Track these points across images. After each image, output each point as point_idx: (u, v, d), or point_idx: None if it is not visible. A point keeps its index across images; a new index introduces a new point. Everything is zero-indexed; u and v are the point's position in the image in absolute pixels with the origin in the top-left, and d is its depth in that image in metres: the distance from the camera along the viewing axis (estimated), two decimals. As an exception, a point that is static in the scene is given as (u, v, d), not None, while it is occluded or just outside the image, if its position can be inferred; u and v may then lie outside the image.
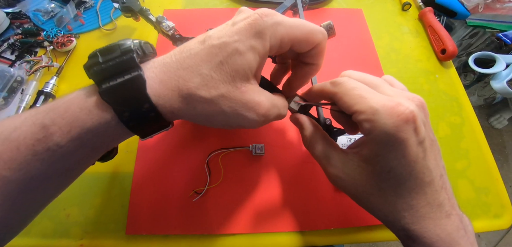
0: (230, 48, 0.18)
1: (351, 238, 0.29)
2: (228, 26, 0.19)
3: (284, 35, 0.19)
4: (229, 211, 0.29)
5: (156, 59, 0.19)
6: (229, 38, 0.18)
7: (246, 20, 0.18)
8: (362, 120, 0.18)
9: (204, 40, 0.18)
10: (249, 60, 0.18)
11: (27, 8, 0.44)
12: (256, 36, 0.18)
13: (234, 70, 0.18)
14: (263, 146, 0.32)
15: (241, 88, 0.19)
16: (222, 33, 0.18)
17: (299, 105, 0.28)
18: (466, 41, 0.49)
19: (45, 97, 0.35)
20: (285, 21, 0.19)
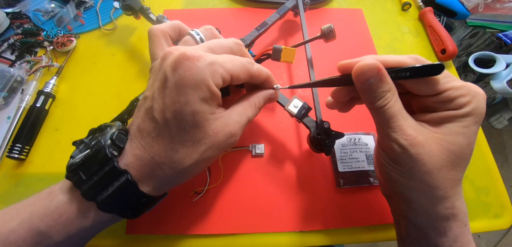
0: (185, 115, 0.18)
1: (351, 238, 0.29)
2: (163, 86, 0.19)
3: (224, 73, 0.19)
4: (229, 211, 0.29)
5: (130, 154, 0.19)
6: (175, 105, 0.18)
7: (175, 73, 0.18)
8: (458, 95, 0.19)
9: (153, 117, 0.19)
10: (204, 109, 0.19)
11: (27, 8, 0.44)
12: (196, 87, 0.18)
13: (198, 127, 0.19)
14: (263, 146, 0.32)
15: (213, 131, 0.20)
16: (166, 102, 0.18)
17: (302, 107, 0.28)
18: (466, 41, 0.49)
19: (45, 97, 0.35)
20: (217, 56, 0.20)
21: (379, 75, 0.20)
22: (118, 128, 0.20)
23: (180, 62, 0.18)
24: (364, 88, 0.20)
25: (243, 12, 0.45)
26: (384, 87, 0.20)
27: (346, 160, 0.31)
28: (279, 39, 0.42)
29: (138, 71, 0.39)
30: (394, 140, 0.20)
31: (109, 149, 0.18)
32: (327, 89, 0.37)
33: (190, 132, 0.19)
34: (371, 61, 0.20)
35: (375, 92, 0.20)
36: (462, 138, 0.19)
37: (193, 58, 0.18)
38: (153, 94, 0.19)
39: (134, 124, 0.20)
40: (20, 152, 0.31)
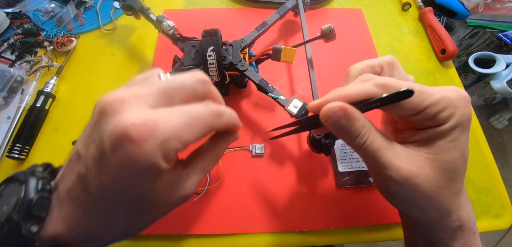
0: (128, 197, 0.15)
1: (351, 238, 0.29)
2: (100, 161, 0.14)
3: (180, 147, 0.15)
4: (229, 211, 0.29)
5: (59, 222, 0.15)
6: (115, 186, 0.15)
7: (115, 155, 0.14)
8: (438, 111, 0.18)
9: (88, 189, 0.15)
10: (153, 188, 0.16)
11: (27, 8, 0.43)
12: (143, 174, 0.14)
13: (146, 202, 0.16)
14: (263, 146, 0.32)
15: (164, 199, 0.17)
16: (103, 181, 0.14)
17: (302, 108, 0.28)
18: (466, 41, 0.49)
19: (45, 97, 0.35)
20: (173, 125, 0.15)
21: (346, 115, 0.18)
22: (39, 180, 0.16)
23: (121, 143, 0.13)
24: (337, 131, 0.19)
25: (243, 12, 0.45)
26: (356, 125, 0.18)
27: (346, 160, 0.31)
28: (279, 39, 0.42)
29: (138, 71, 0.39)
30: (388, 177, 0.19)
31: (26, 226, 0.14)
32: (327, 90, 0.37)
33: (135, 208, 0.16)
34: (333, 105, 0.18)
35: (349, 132, 0.19)
36: (454, 152, 0.19)
37: (140, 140, 0.13)
38: (87, 162, 0.15)
39: (65, 182, 0.16)
40: (20, 152, 0.31)
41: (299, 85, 0.38)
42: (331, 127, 0.19)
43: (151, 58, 0.40)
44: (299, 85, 0.38)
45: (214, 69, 0.30)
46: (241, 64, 0.31)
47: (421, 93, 0.18)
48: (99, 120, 0.15)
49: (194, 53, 0.31)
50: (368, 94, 0.19)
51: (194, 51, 0.31)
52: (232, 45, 0.32)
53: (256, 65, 0.34)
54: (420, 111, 0.19)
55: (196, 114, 0.16)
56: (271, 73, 0.39)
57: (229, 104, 0.26)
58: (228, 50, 0.32)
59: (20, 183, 0.15)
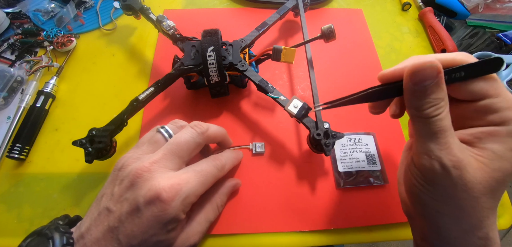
0: (150, 244, 0.20)
1: (351, 238, 0.28)
2: (134, 214, 0.20)
3: (194, 199, 0.22)
4: (229, 211, 0.29)
5: None
6: (143, 235, 0.19)
7: (149, 210, 0.19)
8: (503, 107, 0.17)
9: (118, 238, 0.19)
10: (169, 237, 0.21)
11: (27, 8, 0.43)
12: (168, 224, 0.20)
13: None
14: (263, 144, 0.32)
15: None
16: (134, 231, 0.19)
17: (302, 108, 0.28)
18: (466, 41, 0.48)
19: (45, 97, 0.35)
20: (191, 185, 0.21)
21: (438, 78, 0.16)
22: (63, 235, 0.19)
23: (154, 202, 0.19)
24: (416, 91, 0.17)
25: (243, 12, 0.45)
26: (439, 94, 0.17)
27: (346, 160, 0.31)
28: (279, 39, 0.42)
29: (138, 71, 0.39)
30: (437, 158, 0.17)
31: None
32: (327, 90, 0.37)
33: None
34: (428, 60, 0.16)
35: (428, 98, 0.17)
36: (508, 163, 0.17)
37: (169, 200, 0.19)
38: (120, 216, 0.19)
39: (92, 233, 0.20)
40: (20, 152, 0.31)
41: (299, 85, 0.38)
42: (414, 84, 0.17)
43: (151, 58, 0.40)
44: (299, 85, 0.38)
45: (214, 69, 0.30)
46: (241, 64, 0.31)
47: (490, 80, 0.17)
48: (132, 184, 0.20)
49: (194, 53, 0.31)
50: (454, 60, 0.17)
51: (194, 51, 0.31)
52: (232, 45, 0.32)
53: (256, 65, 0.34)
54: (483, 98, 0.17)
55: (206, 173, 0.23)
56: (271, 73, 0.39)
57: (229, 104, 0.26)
58: (228, 50, 0.32)
59: (47, 239, 0.19)
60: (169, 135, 0.24)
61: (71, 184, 0.30)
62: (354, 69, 0.39)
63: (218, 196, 0.26)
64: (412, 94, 0.17)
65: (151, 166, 0.21)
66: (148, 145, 0.24)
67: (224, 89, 0.33)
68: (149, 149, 0.23)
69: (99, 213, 0.20)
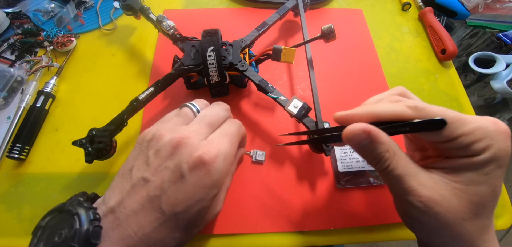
0: (195, 210, 0.19)
1: (351, 238, 0.28)
2: (178, 181, 0.19)
3: (233, 164, 0.23)
4: (229, 211, 0.29)
5: (118, 241, 0.17)
6: (188, 201, 0.19)
7: (194, 174, 0.19)
8: (472, 141, 0.17)
9: (160, 207, 0.18)
10: (212, 203, 0.21)
11: (27, 8, 0.43)
12: (213, 187, 0.20)
13: (201, 217, 0.21)
14: (264, 153, 0.31)
15: (208, 216, 0.22)
16: (179, 197, 0.18)
17: (302, 108, 0.28)
18: (466, 41, 0.48)
19: (45, 97, 0.35)
20: (225, 145, 0.21)
21: (369, 138, 0.18)
22: (88, 210, 0.18)
23: (198, 166, 0.19)
24: (359, 152, 0.19)
25: (243, 12, 0.45)
26: (379, 149, 0.18)
27: (346, 160, 0.31)
28: (279, 39, 0.42)
29: (138, 71, 0.39)
30: (409, 202, 0.18)
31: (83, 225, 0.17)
32: (330, 92, 0.37)
33: (192, 222, 0.20)
34: (356, 127, 0.18)
35: (372, 155, 0.18)
36: (485, 186, 0.17)
37: (211, 162, 0.19)
38: (162, 184, 0.18)
39: (128, 206, 0.18)
40: (20, 152, 0.31)
41: (299, 85, 0.38)
42: (353, 147, 0.19)
43: (151, 58, 0.40)
44: (299, 85, 0.38)
45: (214, 69, 0.30)
46: (241, 64, 0.31)
47: (455, 121, 0.17)
48: (173, 152, 0.19)
49: (194, 53, 0.31)
50: (399, 115, 0.18)
51: (194, 51, 0.31)
52: (232, 45, 0.32)
53: (256, 65, 0.34)
54: (453, 140, 0.17)
55: (232, 133, 0.23)
56: (271, 73, 0.39)
57: (229, 104, 0.26)
58: (228, 50, 0.32)
59: (72, 215, 0.17)
60: (197, 110, 0.24)
61: (71, 184, 0.30)
62: (354, 69, 0.39)
63: (233, 165, 0.26)
64: (359, 154, 0.19)
65: (190, 134, 0.20)
66: (177, 118, 0.23)
67: (224, 89, 0.33)
68: (179, 121, 0.23)
69: (133, 185, 0.19)
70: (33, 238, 0.17)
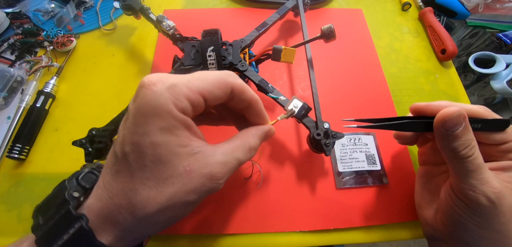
0: (143, 147, 0.16)
1: (351, 238, 0.28)
2: (125, 118, 0.17)
3: (190, 94, 0.16)
4: (229, 211, 0.29)
5: (93, 194, 0.17)
6: (133, 136, 0.16)
7: (134, 104, 0.16)
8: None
9: (114, 150, 0.17)
10: (168, 141, 0.16)
11: (27, 8, 0.43)
12: (155, 115, 0.15)
13: (163, 163, 0.16)
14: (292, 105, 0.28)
15: (184, 168, 0.16)
16: (125, 134, 0.16)
17: (302, 108, 0.28)
18: (466, 41, 0.48)
19: (45, 97, 0.35)
20: (184, 77, 0.17)
21: (465, 122, 0.20)
22: (96, 165, 0.18)
23: (137, 92, 0.16)
24: (447, 136, 0.20)
25: (243, 12, 0.45)
26: (469, 136, 0.20)
27: (346, 160, 0.31)
28: (279, 39, 0.42)
29: (138, 71, 0.39)
30: (482, 192, 0.19)
31: (71, 190, 0.16)
32: (330, 92, 0.37)
33: (152, 169, 0.16)
34: (456, 109, 0.20)
35: (460, 141, 0.20)
36: None
37: (150, 84, 0.16)
38: (119, 128, 0.17)
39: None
40: (20, 152, 0.31)
41: (299, 85, 0.38)
42: (445, 130, 0.20)
43: (151, 58, 0.40)
44: (299, 85, 0.38)
45: (214, 69, 0.30)
46: (241, 64, 0.31)
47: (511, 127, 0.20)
48: (135, 96, 0.16)
49: (194, 53, 0.31)
50: (474, 112, 0.21)
51: (194, 51, 0.31)
52: (232, 45, 0.32)
53: (256, 65, 0.34)
54: (505, 142, 0.21)
55: (208, 72, 0.18)
56: (271, 73, 0.39)
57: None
58: (228, 50, 0.32)
59: (82, 167, 0.18)
60: None
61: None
62: (354, 69, 0.39)
63: (251, 136, 0.21)
64: (445, 138, 0.20)
65: (161, 75, 0.16)
66: None
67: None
68: None
69: None
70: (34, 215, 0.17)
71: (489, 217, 0.20)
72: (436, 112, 0.21)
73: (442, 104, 0.22)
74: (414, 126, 0.23)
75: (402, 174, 0.31)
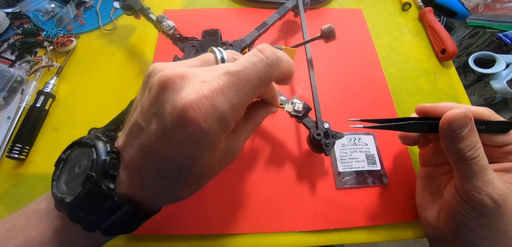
0: (190, 168, 0.16)
1: (351, 238, 0.28)
2: (162, 134, 0.15)
3: (237, 116, 0.16)
4: (229, 211, 0.29)
5: (127, 184, 0.16)
6: (178, 161, 0.16)
7: (180, 134, 0.15)
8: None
9: (151, 159, 0.16)
10: (212, 159, 0.17)
11: (27, 8, 0.43)
12: (204, 148, 0.16)
13: (204, 171, 0.18)
14: (302, 102, 0.28)
15: (218, 164, 0.18)
16: (166, 153, 0.15)
17: (302, 108, 0.28)
18: (466, 41, 0.48)
19: (45, 97, 0.35)
20: (227, 96, 0.15)
21: (470, 124, 0.20)
22: (106, 143, 0.17)
23: (182, 124, 0.14)
24: (453, 137, 0.20)
25: (243, 12, 0.45)
26: (474, 137, 0.20)
27: (346, 160, 0.31)
28: (279, 39, 0.42)
29: (138, 71, 0.39)
30: (487, 193, 0.20)
31: (105, 183, 0.15)
32: (330, 92, 0.37)
33: (195, 177, 0.17)
34: (462, 110, 0.20)
35: (465, 142, 0.20)
36: None
37: (198, 121, 0.14)
38: (150, 135, 0.15)
39: (128, 151, 0.17)
40: (20, 152, 0.31)
41: (299, 85, 0.38)
42: (451, 132, 0.20)
43: (151, 58, 0.40)
44: (299, 85, 0.38)
45: (214, 69, 0.30)
46: (241, 64, 0.31)
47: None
48: (159, 95, 0.15)
49: (194, 53, 0.31)
50: (478, 114, 0.22)
51: (194, 51, 0.31)
52: (232, 45, 0.32)
53: (256, 65, 0.34)
54: (508, 144, 0.21)
55: (246, 73, 0.16)
56: (271, 73, 0.38)
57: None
58: (228, 50, 0.31)
59: (89, 147, 0.16)
60: (222, 58, 0.19)
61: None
62: (354, 69, 0.39)
63: (260, 116, 0.21)
64: (451, 140, 0.21)
65: (186, 73, 0.15)
66: (193, 60, 0.18)
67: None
68: (193, 63, 0.18)
69: (130, 129, 0.17)
70: (56, 170, 0.18)
71: (493, 218, 0.20)
72: (442, 113, 0.21)
73: (447, 106, 0.22)
74: (420, 126, 0.23)
75: (402, 174, 0.31)
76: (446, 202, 0.23)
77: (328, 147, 0.27)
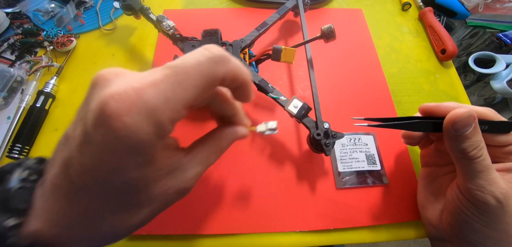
0: (113, 184, 0.13)
1: (351, 238, 0.28)
2: (83, 141, 0.12)
3: (176, 115, 0.13)
4: (229, 211, 0.29)
5: (43, 216, 0.13)
6: (98, 172, 0.12)
7: (102, 136, 0.12)
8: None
9: (70, 176, 0.13)
10: (144, 174, 0.13)
11: (27, 8, 0.43)
12: (131, 152, 0.12)
13: (136, 192, 0.14)
14: (276, 123, 0.26)
15: (161, 189, 0.14)
16: (86, 164, 0.12)
17: (302, 108, 0.28)
18: (466, 41, 0.48)
19: (45, 97, 0.35)
20: (161, 88, 0.12)
21: (475, 123, 0.20)
22: (25, 170, 0.14)
23: (101, 119, 0.11)
24: (457, 136, 0.20)
25: (243, 12, 0.45)
26: (478, 137, 0.20)
27: (346, 160, 0.31)
28: (279, 39, 0.42)
29: (138, 71, 0.38)
30: (490, 192, 0.20)
31: (1, 217, 0.12)
32: (330, 92, 0.37)
33: (125, 199, 0.14)
34: (466, 110, 0.20)
35: (469, 142, 0.20)
36: None
37: (118, 114, 0.11)
38: (73, 144, 0.13)
39: (50, 170, 0.14)
40: (20, 152, 0.31)
41: (299, 85, 0.38)
42: (455, 131, 0.20)
43: (151, 58, 0.40)
44: (299, 85, 0.38)
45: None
46: (241, 64, 0.31)
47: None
48: (88, 95, 0.13)
49: (194, 53, 0.31)
50: (481, 114, 0.22)
51: (194, 51, 0.31)
52: (232, 45, 0.32)
53: (256, 65, 0.34)
54: (508, 144, 0.21)
55: (187, 67, 0.13)
56: (271, 73, 0.39)
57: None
58: (228, 50, 0.32)
59: (5, 173, 0.14)
60: None
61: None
62: (354, 69, 0.39)
63: (224, 138, 0.18)
64: (454, 139, 0.21)
65: (122, 71, 0.13)
66: None
67: (224, 89, 0.32)
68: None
69: (59, 141, 0.14)
70: None
71: (496, 217, 0.20)
72: (445, 113, 0.21)
73: (451, 105, 0.22)
74: (423, 125, 0.23)
75: (402, 174, 0.31)
76: (449, 202, 0.23)
77: (328, 147, 0.27)
